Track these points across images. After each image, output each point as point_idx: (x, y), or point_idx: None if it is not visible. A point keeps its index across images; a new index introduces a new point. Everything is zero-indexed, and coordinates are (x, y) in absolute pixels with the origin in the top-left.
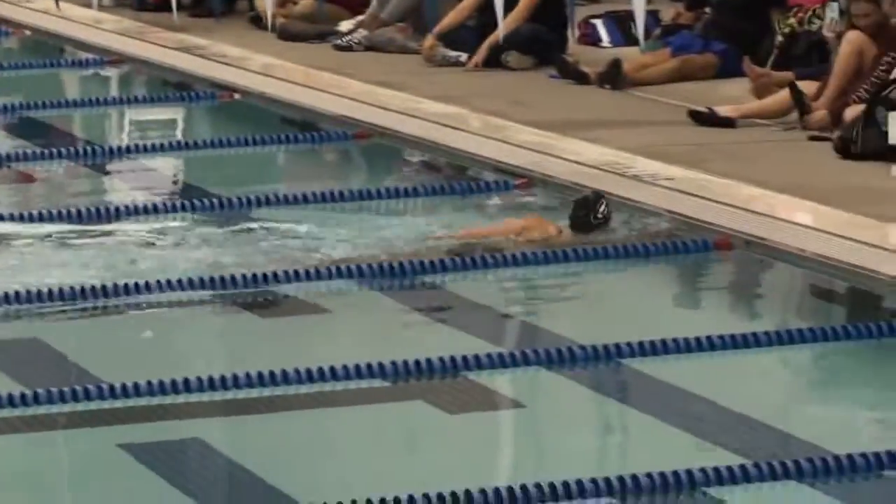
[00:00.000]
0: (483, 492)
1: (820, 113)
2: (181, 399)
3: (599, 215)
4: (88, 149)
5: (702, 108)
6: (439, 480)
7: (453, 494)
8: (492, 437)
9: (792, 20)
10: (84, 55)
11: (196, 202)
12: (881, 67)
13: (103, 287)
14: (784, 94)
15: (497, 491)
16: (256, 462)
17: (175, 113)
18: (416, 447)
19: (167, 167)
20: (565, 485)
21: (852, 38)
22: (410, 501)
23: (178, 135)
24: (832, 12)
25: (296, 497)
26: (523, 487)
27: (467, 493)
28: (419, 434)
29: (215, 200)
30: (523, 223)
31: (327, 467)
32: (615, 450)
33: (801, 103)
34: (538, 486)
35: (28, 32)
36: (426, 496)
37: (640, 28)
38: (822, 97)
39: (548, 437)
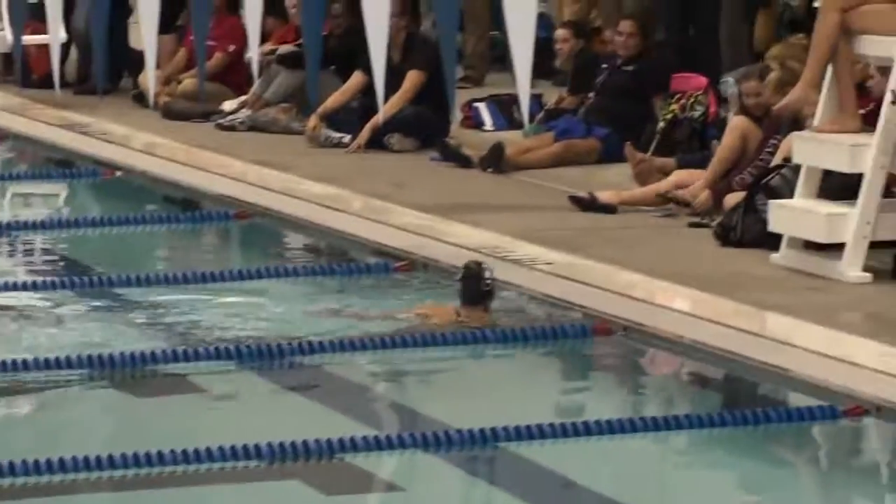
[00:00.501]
0: None
1: (704, 194)
2: (57, 478)
3: (488, 282)
4: None
5: (582, 194)
6: None
7: None
8: None
9: (674, 106)
10: None
11: (76, 279)
12: (767, 149)
13: None
14: (665, 185)
15: None
16: None
17: (57, 189)
18: None
19: (48, 244)
20: None
21: (737, 122)
22: None
23: (60, 211)
24: (730, 87)
25: None
26: None
27: None
28: None
29: (95, 278)
30: (424, 311)
31: None
32: None
33: (680, 202)
34: None
35: None
36: None
37: (524, 111)
38: (702, 180)
39: None
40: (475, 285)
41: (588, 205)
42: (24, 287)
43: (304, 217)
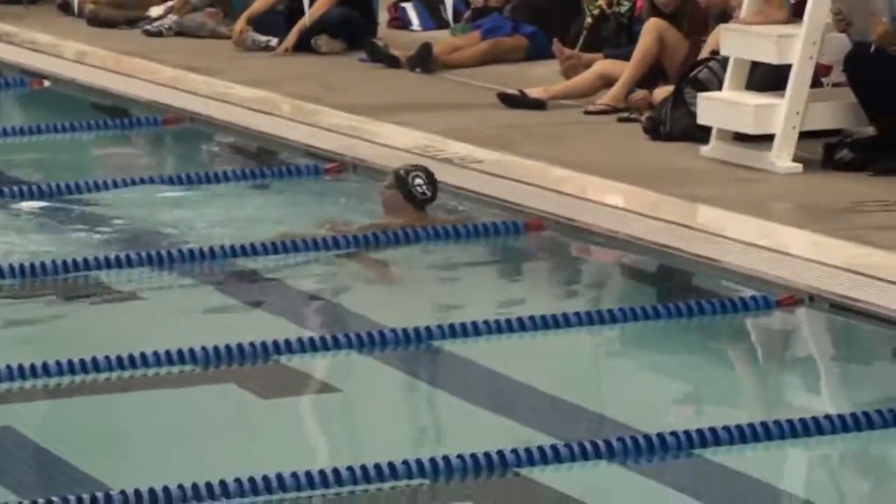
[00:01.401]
0: (295, 475)
1: (641, 91)
2: None
3: (417, 190)
4: None
5: (511, 91)
6: (252, 464)
7: (265, 478)
8: (305, 421)
9: (601, 1)
10: None
11: (6, 189)
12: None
13: None
14: (591, 74)
15: (309, 474)
16: (68, 448)
17: None
18: (229, 431)
19: None
20: (377, 467)
21: (651, 24)
22: (222, 486)
23: None
24: None
25: (108, 482)
26: (335, 470)
27: (279, 476)
28: (232, 419)
29: (26, 187)
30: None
31: (140, 452)
32: (427, 432)
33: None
34: (350, 468)
35: None
36: (237, 480)
37: (450, 11)
38: (620, 82)
39: (360, 420)
40: (407, 191)
41: (517, 101)
42: None
43: (234, 121)
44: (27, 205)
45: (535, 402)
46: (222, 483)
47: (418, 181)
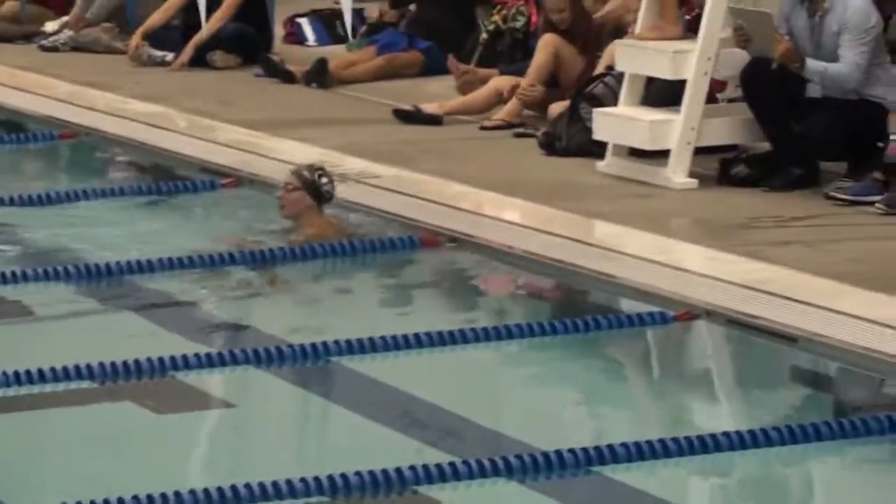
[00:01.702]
0: (192, 492)
1: (539, 88)
2: None
3: (325, 189)
4: None
5: (407, 107)
6: (149, 481)
7: (163, 496)
8: (201, 437)
9: (496, 17)
10: None
11: None
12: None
13: None
14: (486, 90)
15: (207, 491)
16: None
17: None
18: (125, 448)
19: None
20: (275, 485)
21: (547, 39)
22: (120, 503)
23: None
24: None
25: (4, 500)
26: (233, 488)
27: (177, 494)
28: (128, 435)
29: None
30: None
31: (36, 470)
32: (326, 448)
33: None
34: (248, 486)
35: None
36: (136, 498)
37: (348, 25)
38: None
39: (258, 436)
40: (316, 193)
41: (412, 117)
42: None
43: (130, 136)
44: None
45: (432, 418)
46: (120, 501)
47: (324, 180)
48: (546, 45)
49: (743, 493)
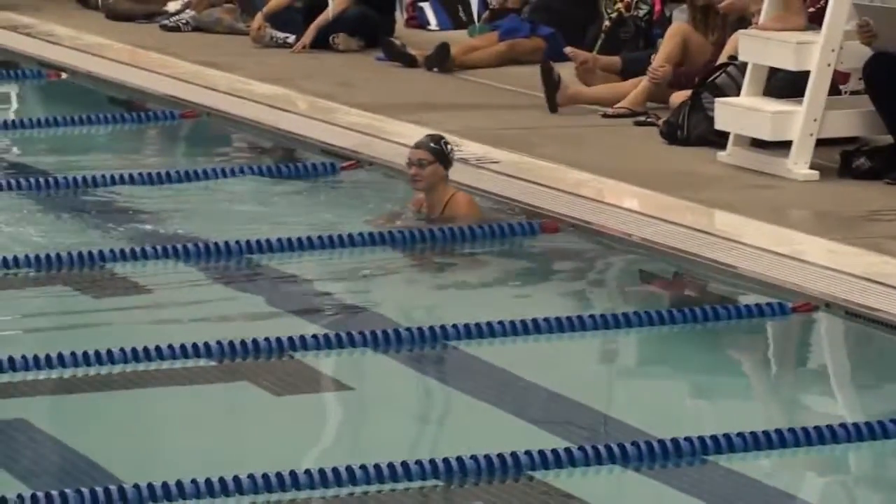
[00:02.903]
0: (308, 473)
1: (666, 67)
2: (6, 378)
3: (452, 156)
4: None
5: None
6: (264, 461)
7: (278, 475)
8: (317, 419)
9: (619, 5)
10: None
11: (23, 180)
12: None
13: None
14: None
15: (322, 472)
16: (80, 440)
17: (2, 91)
18: (240, 428)
19: None
20: (390, 467)
21: (676, 28)
22: (236, 482)
23: (5, 113)
24: None
25: (120, 476)
26: (348, 469)
27: (292, 473)
28: (244, 415)
29: (42, 179)
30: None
31: (152, 447)
32: (441, 432)
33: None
34: (363, 467)
35: None
36: (251, 477)
37: (474, 9)
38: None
39: (374, 418)
40: (447, 163)
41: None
42: None
43: (251, 117)
44: (43, 196)
45: (548, 404)
46: (235, 479)
47: (449, 147)
48: (675, 34)
49: (859, 486)
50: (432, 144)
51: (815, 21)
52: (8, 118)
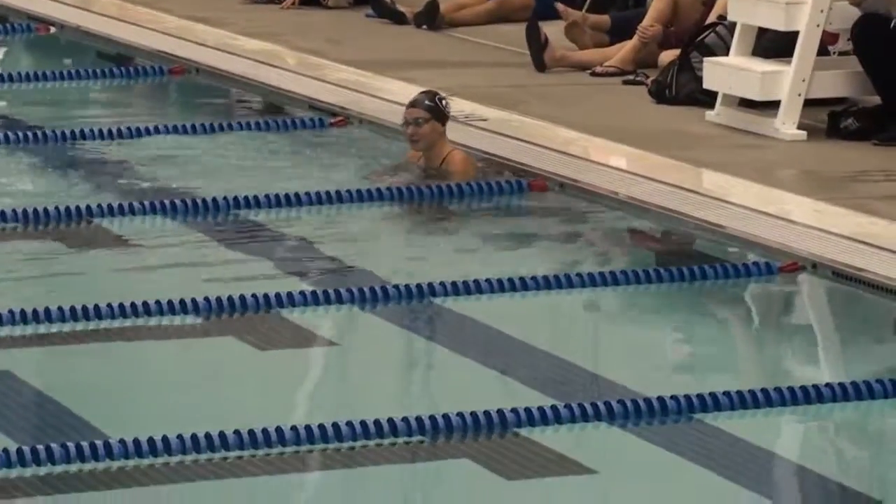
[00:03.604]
0: (294, 429)
1: (656, 27)
2: None
3: (449, 111)
4: None
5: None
6: (249, 416)
7: (264, 431)
8: (303, 375)
9: None
10: None
11: (10, 134)
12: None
13: None
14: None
15: (308, 428)
16: (66, 395)
17: None
18: (226, 384)
19: None
20: (377, 423)
21: None
22: (221, 437)
23: None
24: None
25: (104, 430)
26: (335, 425)
27: (278, 429)
28: (229, 370)
29: (30, 133)
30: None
31: (137, 402)
32: (428, 389)
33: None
34: (349, 424)
35: None
36: (237, 433)
37: None
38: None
39: (360, 375)
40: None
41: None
42: None
43: (240, 73)
44: (31, 150)
45: (535, 362)
46: (221, 435)
47: (445, 102)
48: None
49: (843, 445)
50: (427, 102)
51: None
52: None
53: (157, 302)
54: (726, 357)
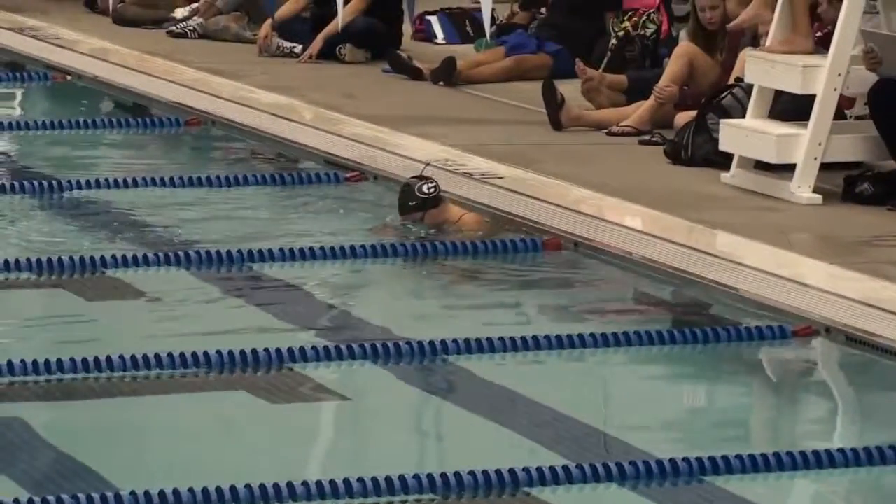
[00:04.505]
0: (305, 484)
1: (673, 87)
2: (5, 381)
3: (422, 192)
4: None
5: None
6: (261, 471)
7: (275, 486)
8: (315, 430)
9: (626, 23)
10: None
11: (26, 182)
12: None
13: None
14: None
15: (319, 484)
16: (78, 446)
17: (8, 92)
18: (238, 438)
19: None
20: (387, 480)
21: (683, 49)
22: (232, 492)
23: (10, 114)
24: None
25: (116, 483)
26: (345, 481)
27: (289, 485)
28: (242, 424)
29: (45, 182)
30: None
31: (149, 454)
32: (439, 446)
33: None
34: (361, 480)
35: None
36: (248, 487)
37: (486, 24)
38: (647, 104)
39: (372, 431)
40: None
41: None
42: None
43: (255, 125)
44: (45, 199)
45: (547, 421)
46: (232, 489)
47: (429, 186)
48: (682, 55)
49: None
50: (412, 204)
51: (822, 45)
52: (13, 119)
53: (170, 354)
54: (738, 419)
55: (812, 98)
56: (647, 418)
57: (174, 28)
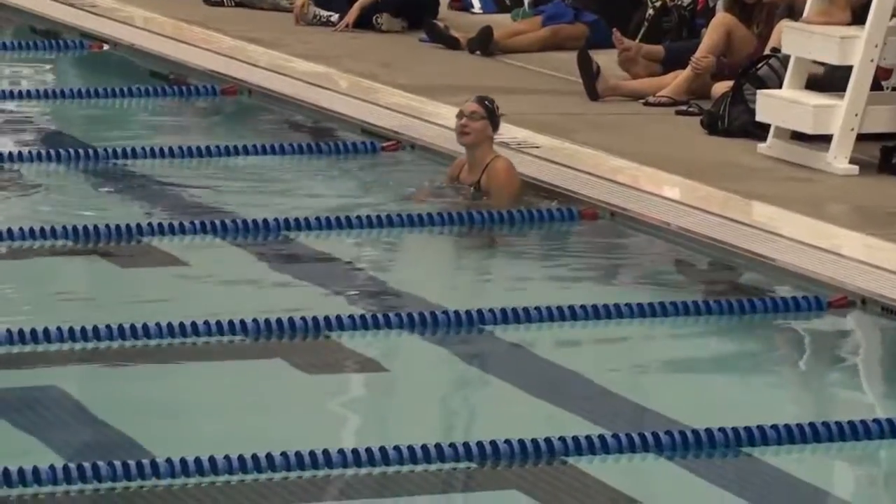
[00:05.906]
0: (342, 452)
1: (709, 58)
2: (41, 349)
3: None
4: None
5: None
6: (295, 439)
7: (311, 454)
8: (351, 399)
9: None
10: None
11: (62, 151)
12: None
13: None
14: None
15: (356, 452)
16: (113, 413)
17: (44, 61)
18: (273, 406)
19: (34, 115)
20: (424, 448)
21: (720, 19)
22: (268, 459)
23: (46, 83)
24: None
25: (151, 449)
26: (382, 449)
27: (325, 452)
28: (277, 393)
29: (81, 150)
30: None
31: (185, 421)
32: (475, 415)
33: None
34: (397, 448)
35: None
36: (284, 454)
37: None
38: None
39: (408, 400)
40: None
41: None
42: (10, 158)
43: (292, 94)
44: (82, 168)
45: (584, 391)
46: (268, 456)
47: (500, 112)
48: (719, 25)
49: (892, 483)
50: (487, 103)
51: (859, 16)
52: (49, 88)
53: (206, 322)
54: (774, 390)
55: (849, 69)
56: (682, 388)
57: None
